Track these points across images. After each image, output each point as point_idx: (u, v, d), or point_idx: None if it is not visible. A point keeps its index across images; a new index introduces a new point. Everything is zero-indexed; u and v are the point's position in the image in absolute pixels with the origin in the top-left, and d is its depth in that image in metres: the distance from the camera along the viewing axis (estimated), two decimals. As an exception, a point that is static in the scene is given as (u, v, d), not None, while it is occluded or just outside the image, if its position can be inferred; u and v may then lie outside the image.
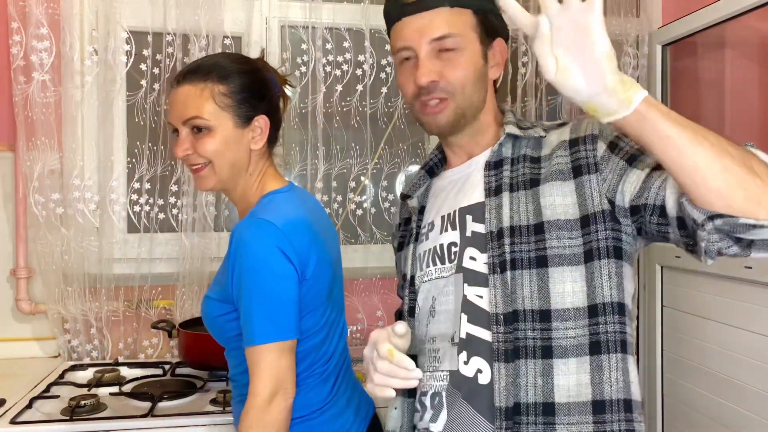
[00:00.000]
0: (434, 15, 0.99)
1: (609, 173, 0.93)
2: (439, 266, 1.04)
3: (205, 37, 1.93)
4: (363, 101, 2.08)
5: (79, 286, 1.90)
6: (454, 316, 1.00)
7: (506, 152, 1.03)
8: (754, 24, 1.80)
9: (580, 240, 0.94)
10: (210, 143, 1.15)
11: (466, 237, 1.02)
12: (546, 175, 0.97)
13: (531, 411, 0.91)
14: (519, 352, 0.93)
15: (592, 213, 0.93)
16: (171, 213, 1.98)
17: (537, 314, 0.93)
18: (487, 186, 1.01)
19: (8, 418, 1.43)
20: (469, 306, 0.98)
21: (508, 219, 0.97)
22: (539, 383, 0.91)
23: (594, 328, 0.92)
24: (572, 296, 0.93)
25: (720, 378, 1.75)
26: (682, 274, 1.90)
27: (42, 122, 1.86)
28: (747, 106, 1.93)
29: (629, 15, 2.14)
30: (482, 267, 0.99)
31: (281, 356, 1.08)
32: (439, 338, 1.02)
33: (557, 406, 0.91)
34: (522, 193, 0.98)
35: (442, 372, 1.00)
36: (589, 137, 0.96)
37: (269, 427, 1.06)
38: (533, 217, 0.96)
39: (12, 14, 1.85)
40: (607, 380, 0.91)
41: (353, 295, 2.14)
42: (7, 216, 1.95)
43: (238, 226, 1.13)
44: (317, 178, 2.04)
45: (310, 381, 1.19)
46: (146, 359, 1.97)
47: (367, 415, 1.29)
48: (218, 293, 1.18)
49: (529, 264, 0.95)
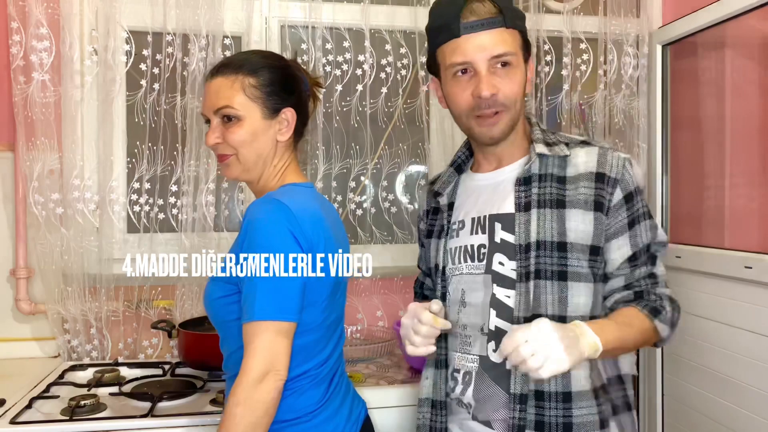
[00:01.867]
0: (494, 34, 1.11)
1: (613, 225, 1.14)
2: (470, 263, 1.20)
3: (205, 37, 1.93)
4: (363, 101, 2.08)
5: (79, 286, 1.90)
6: (482, 310, 1.17)
7: (534, 168, 1.16)
8: (754, 24, 1.80)
9: (587, 263, 1.13)
10: (238, 133, 1.20)
11: (494, 242, 1.17)
12: (571, 199, 1.13)
13: (552, 398, 1.10)
14: None
15: (600, 247, 1.14)
16: (171, 213, 1.98)
17: (556, 318, 1.10)
18: (518, 201, 1.16)
19: (8, 418, 1.43)
20: (497, 303, 1.16)
21: (536, 234, 1.13)
22: (559, 376, 1.07)
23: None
24: (583, 307, 1.13)
25: (720, 378, 1.74)
26: (682, 274, 1.90)
27: (42, 122, 1.86)
28: (747, 106, 1.93)
29: (629, 15, 2.13)
30: (510, 272, 1.15)
31: (277, 336, 1.07)
32: (470, 327, 1.19)
33: (573, 395, 1.11)
34: (548, 210, 1.13)
35: (473, 355, 1.18)
36: (612, 180, 1.14)
37: (257, 405, 1.05)
38: (557, 235, 1.12)
39: (12, 14, 1.85)
40: (602, 372, 1.16)
41: (353, 295, 2.14)
42: (6, 216, 1.95)
43: (253, 204, 1.15)
44: (317, 178, 2.04)
45: (304, 384, 1.18)
46: (146, 359, 1.97)
47: (359, 417, 1.29)
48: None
49: (551, 276, 1.12)
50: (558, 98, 2.13)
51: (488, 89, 1.11)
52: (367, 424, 1.32)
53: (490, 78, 1.11)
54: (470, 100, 1.13)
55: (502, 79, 1.12)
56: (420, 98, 2.13)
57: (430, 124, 2.14)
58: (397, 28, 2.12)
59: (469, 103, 1.14)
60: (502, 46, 1.11)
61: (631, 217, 1.15)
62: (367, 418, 1.33)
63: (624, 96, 2.14)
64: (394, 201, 2.17)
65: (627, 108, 2.14)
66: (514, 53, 1.13)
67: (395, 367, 1.87)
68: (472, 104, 1.13)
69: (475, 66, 1.12)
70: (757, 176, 1.88)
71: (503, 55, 1.11)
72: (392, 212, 2.16)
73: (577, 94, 2.15)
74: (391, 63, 2.11)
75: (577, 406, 1.10)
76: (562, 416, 1.10)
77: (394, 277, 2.16)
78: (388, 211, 2.16)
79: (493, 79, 1.11)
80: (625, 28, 2.13)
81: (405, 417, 1.64)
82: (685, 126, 2.10)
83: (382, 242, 2.14)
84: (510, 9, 1.14)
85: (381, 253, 2.12)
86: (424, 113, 2.13)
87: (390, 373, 1.80)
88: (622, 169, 1.14)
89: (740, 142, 1.94)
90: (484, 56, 1.11)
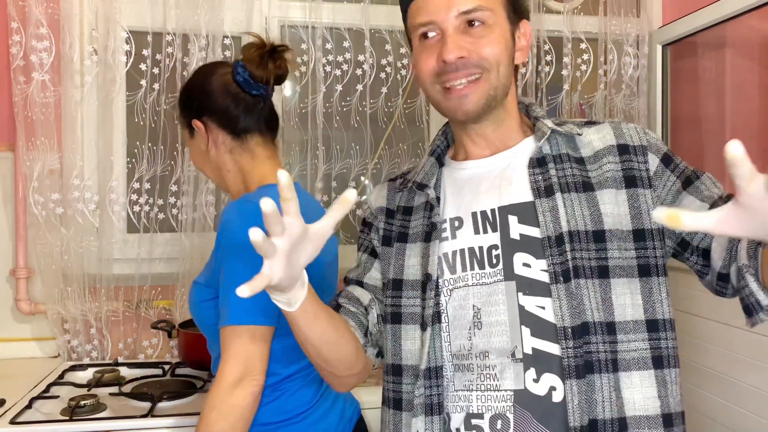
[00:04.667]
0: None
1: (664, 193, 0.93)
2: (478, 271, 0.94)
3: (204, 37, 1.93)
4: (363, 101, 2.08)
5: (79, 286, 1.90)
6: (511, 329, 0.91)
7: (545, 148, 0.97)
8: (754, 24, 1.80)
9: (634, 253, 0.92)
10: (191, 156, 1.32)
11: (511, 240, 0.94)
12: (599, 180, 0.93)
13: (608, 427, 0.87)
14: (593, 366, 0.88)
15: (648, 229, 0.92)
16: (171, 213, 1.98)
17: (605, 326, 0.89)
18: (535, 185, 0.94)
19: (8, 418, 1.43)
20: (529, 318, 0.90)
21: (566, 223, 0.91)
22: (613, 398, 0.87)
23: (655, 342, 0.91)
24: (632, 309, 0.91)
25: (720, 378, 1.74)
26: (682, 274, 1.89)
27: (42, 122, 1.86)
28: (747, 106, 1.93)
29: (629, 15, 2.13)
30: (540, 275, 0.91)
31: (253, 341, 1.06)
32: (494, 353, 0.91)
33: (629, 421, 0.88)
34: (575, 195, 0.93)
35: (504, 392, 0.90)
36: (639, 148, 0.95)
37: (232, 411, 1.04)
38: (591, 223, 0.92)
39: (12, 14, 1.85)
40: (671, 393, 0.91)
41: (353, 295, 2.14)
42: (6, 216, 1.95)
43: (227, 206, 1.15)
44: (317, 178, 2.04)
45: (294, 385, 1.18)
46: (146, 359, 1.97)
47: (352, 418, 1.28)
48: (206, 277, 1.18)
49: (592, 273, 0.90)
50: (558, 98, 2.13)
51: (455, 50, 0.91)
52: (360, 425, 1.31)
53: (457, 38, 0.91)
54: (436, 65, 0.93)
55: (475, 40, 0.92)
56: (420, 98, 2.12)
57: (430, 124, 2.14)
58: (397, 28, 2.11)
59: (435, 69, 0.94)
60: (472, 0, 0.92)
61: (684, 176, 0.93)
62: (361, 419, 1.32)
63: (624, 96, 2.14)
64: (394, 201, 2.16)
65: (627, 108, 2.14)
66: (489, 8, 0.93)
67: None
68: (438, 70, 0.93)
69: (440, 25, 0.92)
70: (757, 176, 1.87)
71: (473, 10, 0.91)
72: (392, 212, 2.16)
73: (577, 94, 2.15)
74: (391, 63, 2.11)
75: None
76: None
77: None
78: (388, 211, 2.16)
79: (461, 39, 0.92)
80: (625, 28, 2.13)
81: (405, 417, 1.63)
82: (685, 126, 2.10)
83: (382, 242, 2.14)
84: None
85: (381, 253, 2.12)
86: (424, 113, 2.13)
87: (390, 373, 1.79)
88: (644, 135, 0.96)
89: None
90: (450, 13, 0.91)
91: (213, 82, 1.23)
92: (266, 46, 1.21)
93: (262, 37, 1.23)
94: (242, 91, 1.21)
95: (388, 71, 2.11)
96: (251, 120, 1.23)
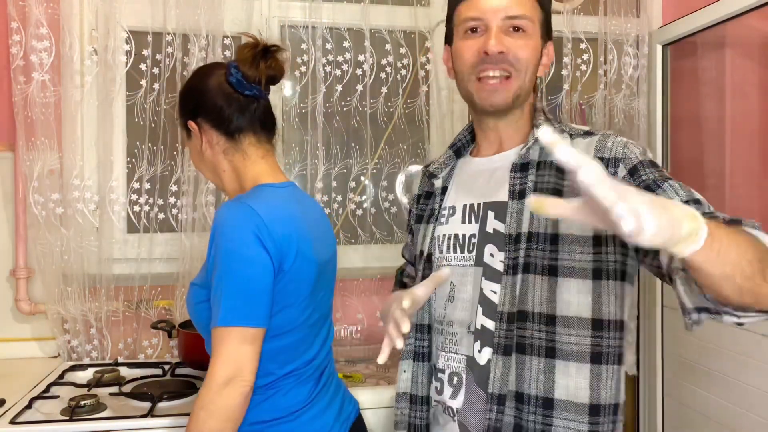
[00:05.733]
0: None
1: None
2: (458, 254, 1.12)
3: (204, 37, 1.93)
4: (363, 101, 2.08)
5: (79, 286, 1.90)
6: (471, 306, 1.09)
7: (533, 155, 1.08)
8: (754, 24, 1.80)
9: (591, 257, 1.00)
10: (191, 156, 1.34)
11: (486, 232, 1.09)
12: (570, 189, 1.01)
13: (532, 402, 1.00)
14: (524, 348, 1.02)
15: (603, 235, 1.00)
16: (171, 213, 1.98)
17: (544, 317, 1.01)
18: (512, 188, 1.07)
19: (8, 418, 1.43)
20: (484, 299, 1.07)
21: (527, 224, 1.03)
22: (541, 379, 1.00)
23: (597, 340, 1.01)
24: (577, 306, 1.00)
25: (720, 378, 1.75)
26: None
27: (42, 122, 1.86)
28: (747, 106, 1.93)
29: (629, 15, 2.13)
30: (499, 265, 1.06)
31: (243, 343, 1.07)
32: (457, 324, 1.11)
33: (556, 402, 1.00)
34: None
35: (460, 355, 1.09)
36: (612, 160, 1.01)
37: (220, 411, 1.05)
38: (551, 227, 1.02)
39: (12, 14, 1.85)
40: (603, 387, 1.00)
41: (353, 295, 2.14)
42: (6, 216, 1.95)
43: (220, 207, 1.14)
44: (317, 178, 2.04)
45: (288, 383, 1.18)
46: (146, 359, 1.97)
47: (349, 417, 1.28)
48: (201, 278, 1.18)
49: (542, 270, 1.02)
50: (558, 98, 2.13)
51: (497, 45, 1.04)
52: (359, 424, 1.31)
53: (500, 35, 1.05)
54: (476, 56, 1.06)
55: (514, 41, 1.05)
56: (420, 98, 2.13)
57: (430, 124, 2.14)
58: (397, 28, 2.12)
59: (475, 58, 1.06)
60: (519, 8, 1.06)
61: (644, 184, 0.97)
62: (359, 418, 1.32)
63: (624, 96, 2.14)
64: (394, 201, 2.17)
65: (627, 108, 2.14)
66: (530, 19, 1.07)
67: (395, 367, 1.86)
68: (476, 60, 1.06)
69: (487, 23, 1.06)
70: (757, 176, 1.88)
71: (518, 17, 1.06)
72: (392, 212, 2.16)
73: (577, 94, 2.15)
74: (391, 63, 2.11)
75: (560, 416, 0.99)
76: (541, 423, 1.00)
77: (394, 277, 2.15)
78: (388, 211, 2.16)
79: (503, 38, 1.05)
80: (625, 28, 2.13)
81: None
82: (685, 126, 2.10)
83: (382, 242, 2.14)
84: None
85: (381, 253, 2.12)
86: (424, 113, 2.13)
87: (390, 373, 1.80)
88: (623, 148, 1.02)
89: (740, 142, 1.94)
90: (499, 15, 1.05)
91: (208, 83, 1.23)
92: (259, 46, 1.21)
93: (257, 37, 1.23)
94: (235, 91, 1.21)
95: (388, 71, 2.11)
96: (244, 120, 1.23)
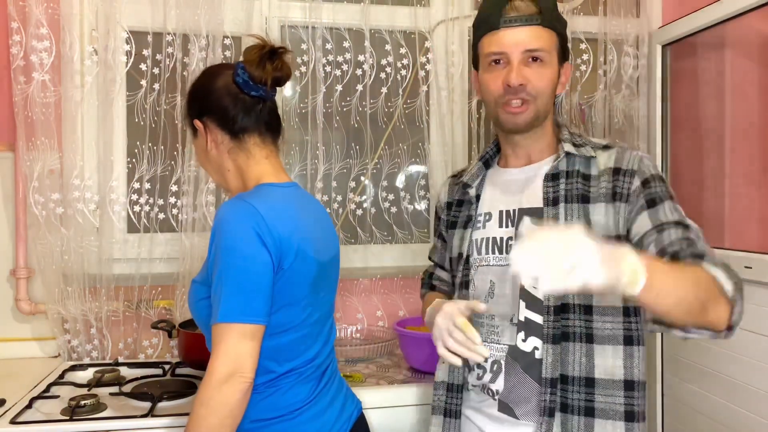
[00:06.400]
0: (531, 30, 1.20)
1: (632, 208, 1.15)
2: (497, 255, 1.26)
3: (205, 37, 1.93)
4: (363, 101, 2.08)
5: (79, 286, 1.90)
6: (512, 301, 1.22)
7: (562, 166, 1.23)
8: (754, 24, 1.80)
9: None
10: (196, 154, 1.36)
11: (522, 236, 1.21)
12: (595, 195, 1.18)
13: (576, 382, 1.16)
14: (568, 336, 1.16)
15: (615, 235, 1.15)
16: (171, 213, 1.98)
17: (582, 308, 1.17)
18: (546, 196, 1.22)
19: (8, 418, 1.43)
20: (526, 295, 1.21)
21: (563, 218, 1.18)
22: (583, 361, 1.16)
23: (627, 325, 1.17)
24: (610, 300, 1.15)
25: (720, 378, 1.75)
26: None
27: (42, 122, 1.86)
28: (747, 106, 1.93)
29: (629, 15, 2.14)
30: None
31: (242, 339, 1.07)
32: (499, 317, 1.24)
33: (597, 381, 1.15)
34: (575, 205, 1.19)
35: (502, 345, 1.23)
36: (629, 171, 1.17)
37: (220, 407, 1.06)
38: (582, 216, 1.17)
39: (12, 14, 1.85)
40: (635, 365, 1.16)
41: (353, 295, 2.14)
42: (7, 216, 1.95)
43: (222, 204, 1.15)
44: (317, 178, 2.04)
45: (289, 381, 1.18)
46: (146, 359, 1.97)
47: (351, 416, 1.29)
48: (202, 276, 1.19)
49: None
50: (558, 98, 2.12)
51: (517, 79, 1.18)
52: (361, 424, 1.31)
53: (520, 69, 1.19)
54: (500, 87, 1.21)
55: (533, 72, 1.20)
56: (420, 98, 2.13)
57: (430, 124, 2.14)
58: (397, 28, 2.12)
59: (499, 90, 1.21)
60: (537, 42, 1.19)
61: (650, 197, 1.14)
62: (361, 418, 1.32)
63: (624, 96, 2.14)
64: (394, 201, 2.17)
65: (627, 108, 2.14)
66: (547, 51, 1.20)
67: (395, 367, 1.87)
68: (501, 91, 1.21)
69: (509, 56, 1.20)
70: (757, 177, 1.88)
71: (536, 50, 1.19)
72: (392, 212, 2.16)
73: (577, 94, 2.16)
74: (391, 63, 2.11)
75: (601, 393, 1.14)
76: (584, 400, 1.15)
77: (394, 277, 2.16)
78: (388, 211, 2.16)
79: (523, 70, 1.19)
80: (625, 28, 2.13)
81: (405, 417, 1.64)
82: (684, 126, 2.10)
83: (382, 242, 2.14)
84: (550, 11, 1.22)
85: (381, 253, 2.12)
86: (424, 113, 2.13)
87: (390, 373, 1.80)
88: (639, 162, 1.18)
89: (740, 143, 1.94)
90: (519, 49, 1.19)
91: (215, 83, 1.24)
92: (266, 47, 1.22)
93: (264, 38, 1.24)
94: (241, 92, 1.22)
95: (388, 71, 2.11)
96: (249, 120, 1.23)
